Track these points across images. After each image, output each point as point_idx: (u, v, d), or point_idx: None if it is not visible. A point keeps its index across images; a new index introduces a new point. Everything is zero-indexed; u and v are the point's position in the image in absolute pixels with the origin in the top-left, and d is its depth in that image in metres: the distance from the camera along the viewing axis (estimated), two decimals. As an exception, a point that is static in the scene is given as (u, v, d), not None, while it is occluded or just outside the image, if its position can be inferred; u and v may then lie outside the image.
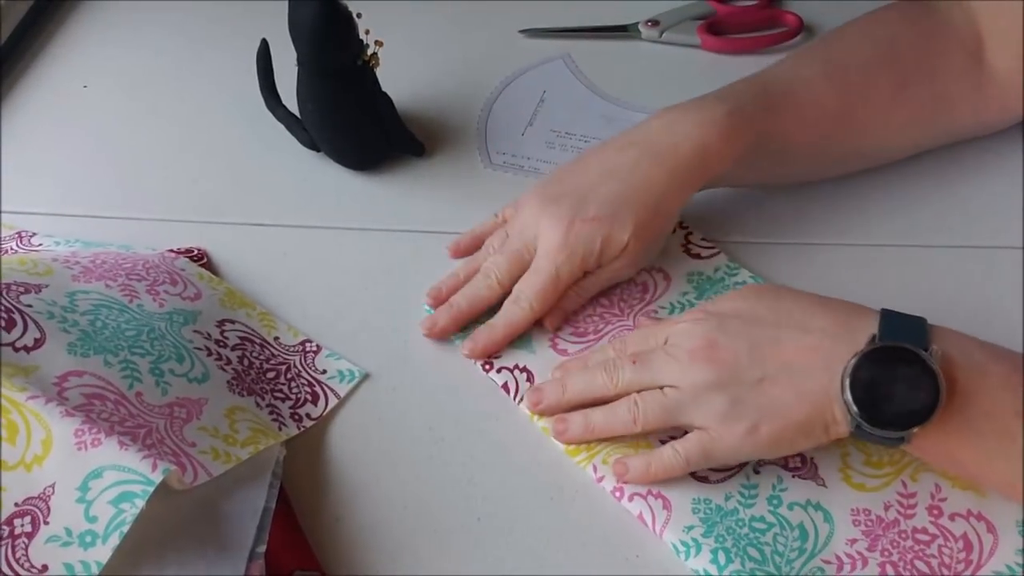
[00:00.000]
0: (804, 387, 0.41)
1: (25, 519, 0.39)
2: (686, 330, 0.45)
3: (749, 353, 0.42)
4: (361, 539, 0.45)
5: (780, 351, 0.42)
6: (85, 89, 0.70)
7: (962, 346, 0.41)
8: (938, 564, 0.42)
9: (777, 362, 0.42)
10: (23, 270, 0.48)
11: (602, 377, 0.46)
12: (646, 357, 0.45)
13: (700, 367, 0.43)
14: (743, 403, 0.42)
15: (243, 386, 0.49)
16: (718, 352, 0.43)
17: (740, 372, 0.42)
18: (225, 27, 0.75)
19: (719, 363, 0.43)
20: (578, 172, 0.53)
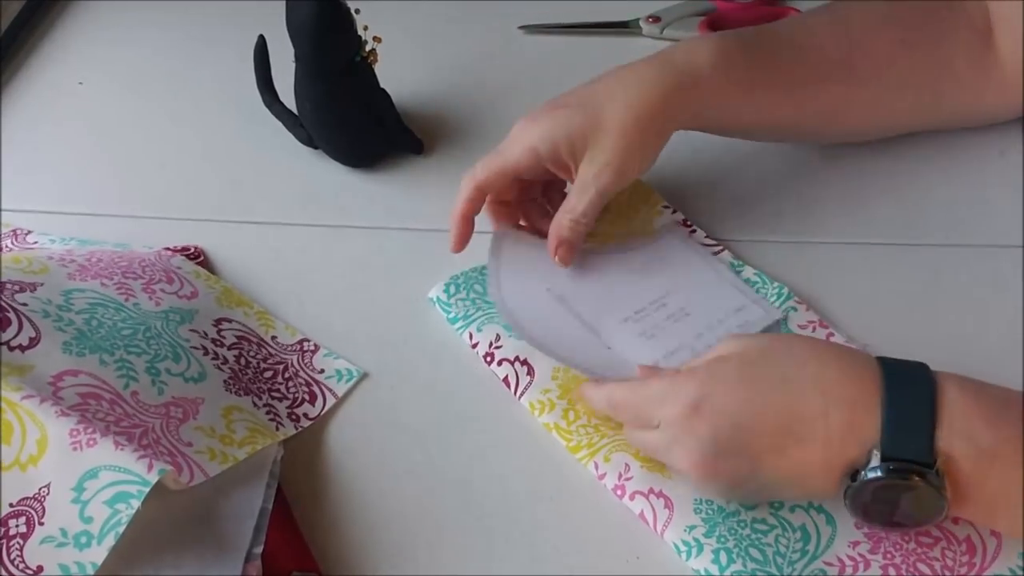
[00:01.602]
0: (811, 491, 0.42)
1: (20, 520, 0.39)
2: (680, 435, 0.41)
3: (750, 469, 0.40)
4: (359, 539, 0.45)
5: (781, 465, 0.40)
6: (80, 86, 0.70)
7: (970, 431, 0.38)
8: (941, 567, 0.42)
9: (779, 474, 0.40)
10: (18, 268, 0.47)
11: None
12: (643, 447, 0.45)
13: (706, 482, 0.42)
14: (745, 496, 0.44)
15: (240, 385, 0.49)
16: (715, 470, 0.41)
17: (742, 487, 0.42)
18: (222, 23, 0.75)
19: (717, 479, 0.41)
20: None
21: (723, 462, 0.41)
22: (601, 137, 0.49)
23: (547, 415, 0.48)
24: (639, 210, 0.57)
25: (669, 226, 0.56)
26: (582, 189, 0.50)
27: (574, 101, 0.51)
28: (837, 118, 0.57)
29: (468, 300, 0.52)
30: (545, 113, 0.51)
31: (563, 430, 0.47)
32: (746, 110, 0.54)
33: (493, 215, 0.55)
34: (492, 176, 0.51)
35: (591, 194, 0.50)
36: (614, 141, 0.49)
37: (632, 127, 0.50)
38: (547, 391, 0.49)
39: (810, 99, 0.55)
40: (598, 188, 0.50)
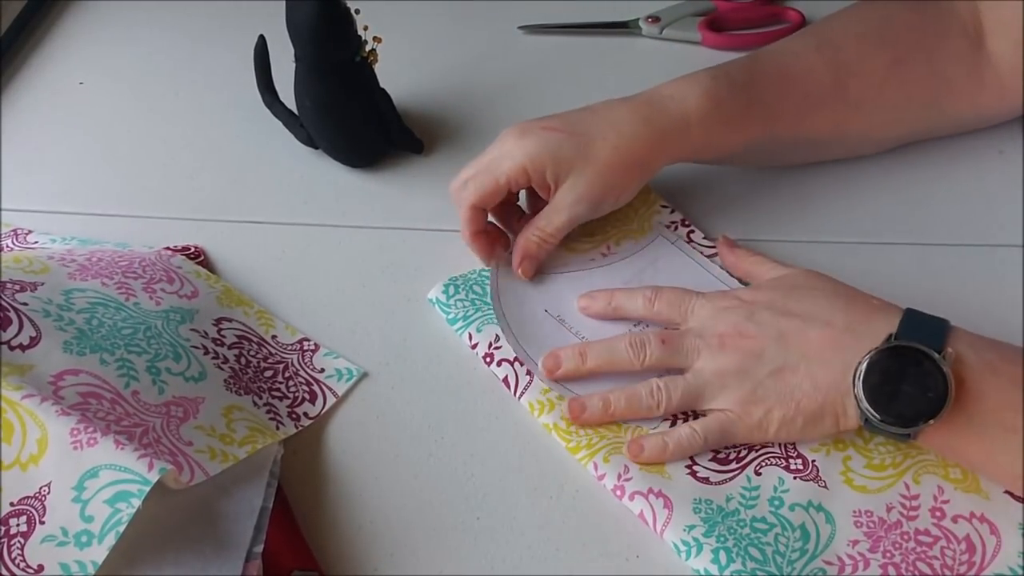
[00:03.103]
0: (820, 378, 0.43)
1: (21, 519, 0.39)
2: (718, 315, 0.47)
3: (775, 343, 0.45)
4: (360, 538, 0.45)
5: (803, 342, 0.44)
6: (81, 86, 0.70)
7: (977, 346, 0.42)
8: (940, 566, 0.42)
9: (799, 352, 0.44)
10: (19, 268, 0.47)
11: (628, 353, 0.47)
12: (675, 340, 0.47)
13: (728, 354, 0.45)
14: (763, 388, 0.44)
15: (240, 385, 0.49)
16: (746, 341, 0.45)
17: (764, 360, 0.45)
18: (222, 23, 0.75)
19: (746, 352, 0.45)
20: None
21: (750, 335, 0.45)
22: (585, 169, 0.51)
23: (547, 415, 0.48)
24: (638, 210, 0.57)
25: (660, 228, 0.56)
26: (555, 211, 0.52)
27: (565, 127, 0.51)
28: (832, 143, 0.58)
29: (467, 301, 0.53)
30: (535, 132, 0.51)
31: (562, 431, 0.47)
32: (738, 147, 0.55)
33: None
34: (486, 196, 0.52)
35: (562, 218, 0.52)
36: (595, 177, 0.51)
37: (616, 168, 0.51)
38: (547, 391, 0.49)
39: (804, 128, 0.55)
40: (570, 215, 0.52)
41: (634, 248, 0.55)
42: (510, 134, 0.52)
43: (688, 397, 0.46)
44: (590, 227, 0.56)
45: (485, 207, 0.53)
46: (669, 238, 0.56)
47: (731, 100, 0.52)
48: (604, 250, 0.55)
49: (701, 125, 0.52)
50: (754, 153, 0.56)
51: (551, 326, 0.52)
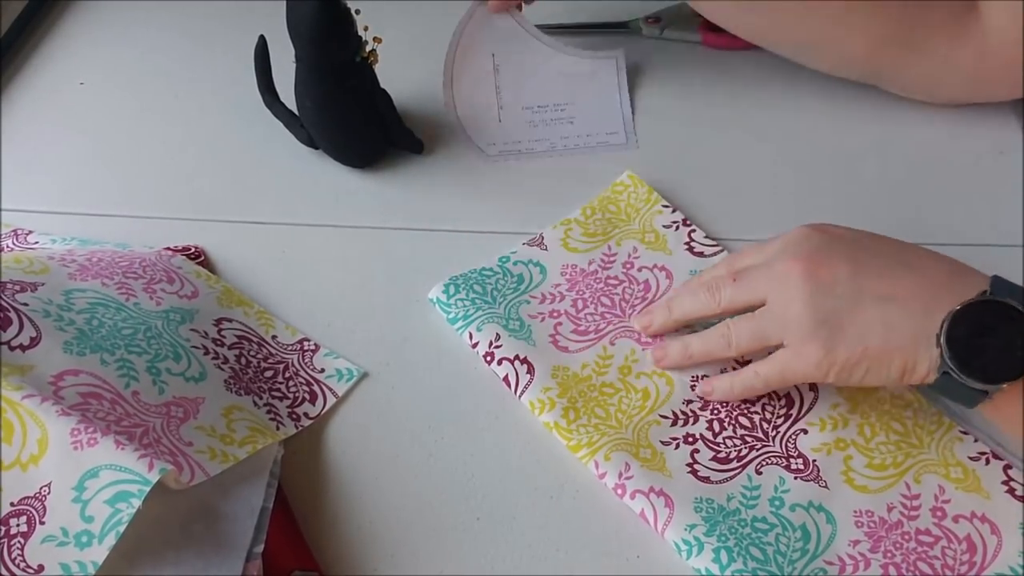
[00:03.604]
0: (895, 322, 0.41)
1: (21, 519, 0.39)
2: (794, 241, 0.45)
3: (849, 277, 0.42)
4: (360, 538, 0.45)
5: (882, 283, 0.42)
6: (82, 86, 0.70)
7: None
8: (941, 566, 0.42)
9: (876, 292, 0.42)
10: (19, 268, 0.47)
11: (705, 296, 0.47)
12: (746, 274, 0.46)
13: (795, 281, 0.43)
14: (827, 324, 0.42)
15: (241, 385, 0.49)
16: (817, 269, 0.43)
17: (834, 293, 0.42)
18: (223, 24, 0.75)
19: (815, 280, 0.42)
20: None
21: (826, 264, 0.42)
22: None
23: (547, 414, 0.48)
24: (639, 210, 0.57)
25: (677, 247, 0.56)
26: None
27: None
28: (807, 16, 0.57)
29: (468, 300, 0.53)
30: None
31: (563, 429, 0.47)
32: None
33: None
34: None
35: None
36: None
37: None
38: (547, 389, 0.49)
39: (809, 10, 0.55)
40: None
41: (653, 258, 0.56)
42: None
43: (754, 336, 0.45)
44: (590, 229, 0.56)
45: None
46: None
47: None
48: (606, 250, 0.55)
49: None
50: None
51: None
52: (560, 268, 0.55)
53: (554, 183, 0.60)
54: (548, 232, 0.56)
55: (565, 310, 0.53)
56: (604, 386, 0.49)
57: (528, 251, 0.55)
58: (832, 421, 0.47)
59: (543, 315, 0.52)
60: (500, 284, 0.54)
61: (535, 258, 0.55)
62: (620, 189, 0.58)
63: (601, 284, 0.54)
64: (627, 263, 0.55)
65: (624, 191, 0.58)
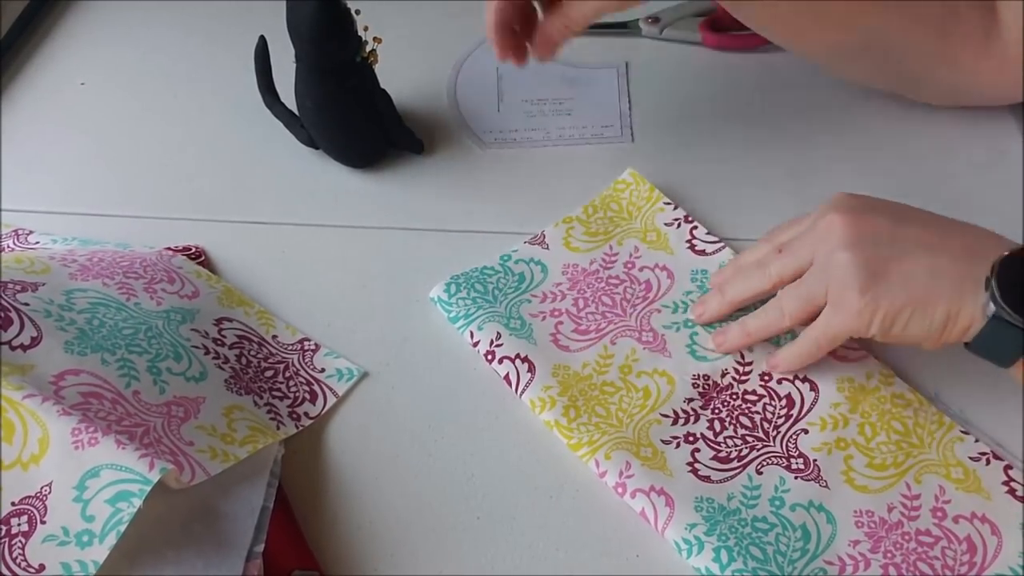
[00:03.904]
0: (941, 269, 0.41)
1: (22, 518, 0.39)
2: (834, 202, 0.45)
3: (892, 229, 0.43)
4: (360, 538, 0.45)
5: (927, 233, 0.42)
6: (82, 86, 0.70)
7: None
8: (941, 566, 0.42)
9: (920, 243, 0.42)
10: (20, 268, 0.47)
11: (756, 275, 0.48)
12: (790, 243, 0.47)
13: (837, 231, 0.43)
14: (870, 270, 0.42)
15: (241, 385, 0.49)
16: (860, 220, 0.43)
17: (877, 242, 0.42)
18: (223, 24, 0.75)
19: (857, 229, 0.43)
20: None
21: (869, 217, 0.43)
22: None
23: (548, 412, 0.48)
24: (640, 208, 0.57)
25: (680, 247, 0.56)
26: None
27: None
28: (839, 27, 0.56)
29: (469, 299, 0.53)
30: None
31: (564, 427, 0.47)
32: None
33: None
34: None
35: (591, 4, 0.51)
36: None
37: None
38: (548, 388, 0.49)
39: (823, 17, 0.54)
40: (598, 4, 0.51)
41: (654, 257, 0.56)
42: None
43: (803, 301, 0.45)
44: (592, 228, 0.56)
45: None
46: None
47: None
48: (608, 250, 0.55)
49: None
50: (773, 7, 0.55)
51: None
52: (561, 267, 0.55)
53: (554, 183, 0.61)
54: (550, 230, 0.56)
55: (566, 309, 0.53)
56: (605, 385, 0.49)
57: (530, 250, 0.56)
58: (833, 420, 0.47)
59: (544, 314, 0.52)
60: (501, 283, 0.54)
61: (536, 256, 0.55)
62: (622, 187, 0.58)
63: (603, 284, 0.54)
64: (628, 263, 0.55)
65: (626, 188, 0.58)
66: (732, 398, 0.48)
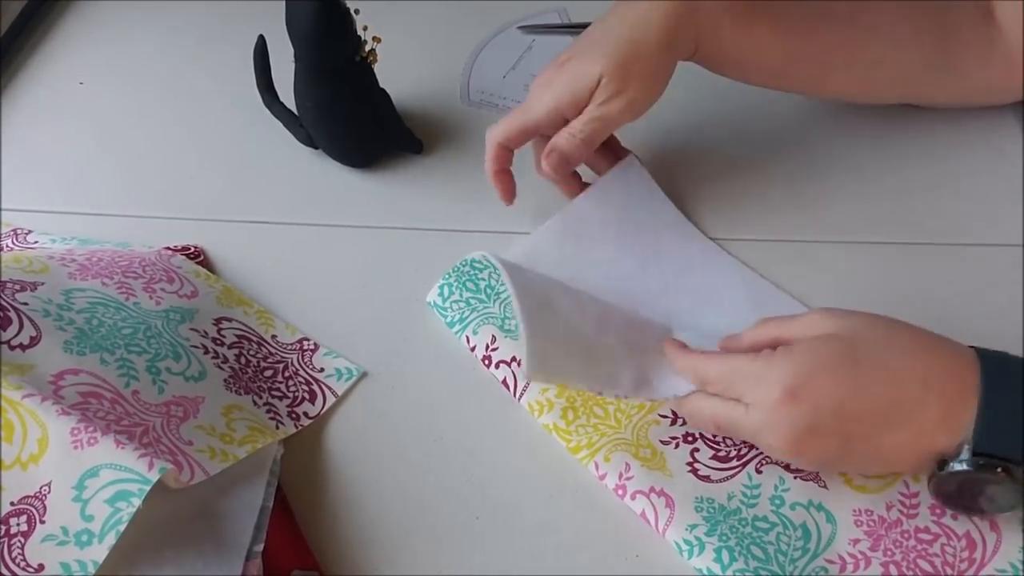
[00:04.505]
0: (893, 465, 0.43)
1: (21, 518, 0.38)
2: (774, 418, 0.41)
3: (839, 453, 0.41)
4: (359, 538, 0.45)
5: (873, 451, 0.41)
6: (81, 86, 0.70)
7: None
8: (941, 563, 0.42)
9: (867, 460, 0.42)
10: (19, 268, 0.47)
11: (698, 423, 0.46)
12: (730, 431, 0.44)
13: (791, 457, 0.42)
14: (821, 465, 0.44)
15: (240, 384, 0.49)
16: (807, 447, 0.41)
17: (829, 462, 0.43)
18: (222, 24, 0.75)
19: (810, 455, 0.42)
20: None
21: (814, 443, 0.41)
22: (610, 75, 0.51)
23: (546, 415, 0.48)
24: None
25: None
26: (588, 112, 0.52)
27: (580, 48, 0.52)
28: (837, 68, 0.57)
29: (462, 301, 0.52)
30: (556, 72, 0.52)
31: (562, 430, 0.47)
32: (746, 48, 0.54)
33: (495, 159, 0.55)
34: (514, 133, 0.53)
35: (595, 115, 0.52)
36: (621, 76, 0.51)
37: (638, 62, 0.51)
38: (545, 391, 0.49)
39: (812, 38, 0.55)
40: (603, 113, 0.52)
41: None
42: (537, 84, 0.53)
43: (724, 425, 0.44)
44: None
45: (511, 146, 0.54)
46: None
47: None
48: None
49: (710, 8, 0.52)
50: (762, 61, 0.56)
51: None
52: None
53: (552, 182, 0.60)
54: None
55: None
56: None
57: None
58: None
59: None
60: (492, 279, 0.53)
61: None
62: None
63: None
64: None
65: None
66: None
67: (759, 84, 0.58)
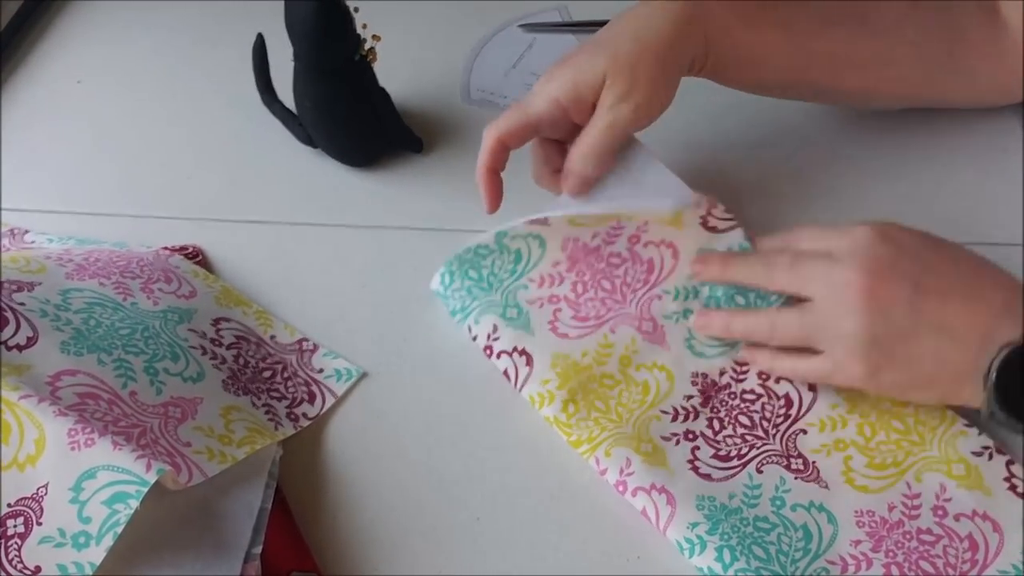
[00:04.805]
0: (947, 357, 0.42)
1: (18, 520, 0.38)
2: (860, 246, 0.44)
3: (909, 302, 0.42)
4: (359, 539, 0.44)
5: (941, 310, 0.42)
6: (79, 85, 0.70)
7: None
8: (943, 564, 0.41)
9: (934, 320, 0.42)
10: (16, 268, 0.47)
11: (760, 269, 0.48)
12: (804, 264, 0.46)
13: (853, 296, 0.43)
14: (879, 346, 0.43)
15: (239, 385, 0.48)
16: (879, 291, 0.42)
17: (892, 318, 0.42)
18: (221, 22, 0.75)
19: (875, 304, 0.42)
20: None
21: (892, 278, 0.42)
22: (616, 74, 0.50)
23: (547, 408, 0.48)
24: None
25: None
26: (596, 121, 0.50)
27: (589, 46, 0.51)
28: (847, 69, 0.56)
29: (464, 290, 0.52)
30: (562, 65, 0.51)
31: (563, 424, 0.47)
32: (756, 50, 0.54)
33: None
34: (515, 129, 0.51)
35: (606, 122, 0.50)
36: (628, 76, 0.50)
37: (644, 62, 0.50)
38: (546, 382, 0.48)
39: (822, 39, 0.54)
40: (613, 118, 0.50)
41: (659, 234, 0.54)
42: (541, 79, 0.52)
43: (804, 333, 0.45)
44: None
45: (508, 144, 0.52)
46: None
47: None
48: (614, 223, 0.53)
49: (720, 13, 0.51)
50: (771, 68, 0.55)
51: None
52: (561, 242, 0.53)
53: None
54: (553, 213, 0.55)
55: (564, 295, 0.52)
56: (604, 377, 0.49)
57: (529, 227, 0.53)
58: (831, 422, 0.47)
59: (542, 300, 0.52)
60: (496, 265, 0.53)
61: (535, 231, 0.53)
62: None
63: (603, 264, 0.52)
64: (633, 236, 0.53)
65: None
66: (731, 397, 0.48)
67: (770, 92, 0.58)
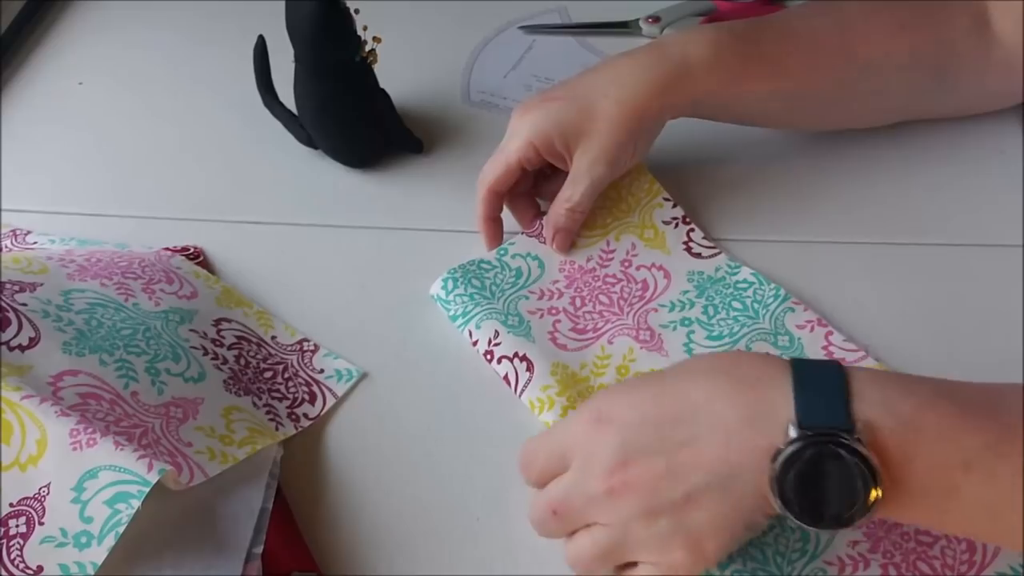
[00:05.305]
0: (735, 496, 0.37)
1: (20, 520, 0.38)
2: (589, 449, 0.39)
3: (667, 468, 0.37)
4: (359, 539, 0.45)
5: (698, 457, 0.37)
6: (80, 86, 0.70)
7: (886, 401, 0.36)
8: (940, 565, 0.41)
9: (699, 472, 0.37)
10: (17, 268, 0.47)
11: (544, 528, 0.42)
12: (565, 506, 0.40)
13: (620, 500, 0.38)
14: (678, 530, 0.37)
15: (240, 386, 0.49)
16: (633, 475, 0.37)
17: (663, 494, 0.37)
18: (222, 24, 0.75)
19: (638, 490, 0.37)
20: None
21: (637, 469, 0.37)
22: (593, 131, 0.51)
23: (547, 413, 0.48)
24: (640, 200, 0.57)
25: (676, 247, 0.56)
26: (576, 179, 0.52)
27: (566, 94, 0.52)
28: (839, 104, 0.57)
29: (466, 296, 0.52)
30: (537, 105, 0.52)
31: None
32: (742, 99, 0.54)
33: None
34: (500, 176, 0.53)
35: (585, 184, 0.52)
36: (606, 135, 0.51)
37: (624, 122, 0.51)
38: (547, 387, 0.48)
39: (809, 84, 0.55)
40: (591, 179, 0.52)
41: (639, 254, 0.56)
42: (515, 113, 0.54)
43: (603, 556, 0.40)
44: (590, 220, 0.56)
45: (499, 190, 0.54)
46: None
47: (732, 48, 0.52)
48: (604, 246, 0.55)
49: (702, 70, 0.51)
50: (761, 109, 0.56)
51: None
52: (558, 264, 0.55)
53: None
54: None
55: (564, 308, 0.53)
56: (602, 388, 0.49)
57: (527, 243, 0.55)
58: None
59: (542, 311, 0.52)
60: (499, 278, 0.54)
61: (534, 252, 0.55)
62: (623, 175, 0.58)
63: (599, 282, 0.54)
64: (625, 261, 0.55)
65: (626, 177, 0.58)
66: None
67: (758, 126, 0.59)
